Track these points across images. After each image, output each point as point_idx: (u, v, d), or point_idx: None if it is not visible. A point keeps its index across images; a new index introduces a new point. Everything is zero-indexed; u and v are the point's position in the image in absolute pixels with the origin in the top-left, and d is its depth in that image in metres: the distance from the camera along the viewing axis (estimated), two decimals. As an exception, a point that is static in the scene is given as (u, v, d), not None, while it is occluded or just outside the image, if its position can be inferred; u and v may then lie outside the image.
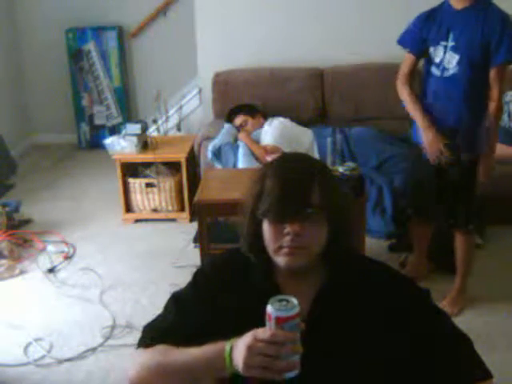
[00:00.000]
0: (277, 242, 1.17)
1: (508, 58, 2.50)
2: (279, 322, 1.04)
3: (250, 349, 1.02)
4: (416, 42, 2.69)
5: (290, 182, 1.18)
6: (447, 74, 2.58)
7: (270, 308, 1.05)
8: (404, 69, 2.74)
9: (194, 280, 1.31)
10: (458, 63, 2.53)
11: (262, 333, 1.03)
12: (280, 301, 1.05)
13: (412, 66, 2.73)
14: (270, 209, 1.17)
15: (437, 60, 2.60)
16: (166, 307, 1.31)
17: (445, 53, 2.56)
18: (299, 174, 1.19)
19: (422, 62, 2.74)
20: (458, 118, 2.64)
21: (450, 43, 2.55)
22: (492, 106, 2.58)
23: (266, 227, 1.19)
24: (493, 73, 2.54)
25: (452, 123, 2.65)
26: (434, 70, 2.62)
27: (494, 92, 2.56)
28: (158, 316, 1.31)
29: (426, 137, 2.66)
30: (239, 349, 1.04)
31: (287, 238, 1.16)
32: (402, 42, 2.75)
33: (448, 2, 2.58)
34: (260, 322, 1.05)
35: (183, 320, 1.23)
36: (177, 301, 1.29)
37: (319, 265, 1.22)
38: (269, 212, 1.17)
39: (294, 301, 1.05)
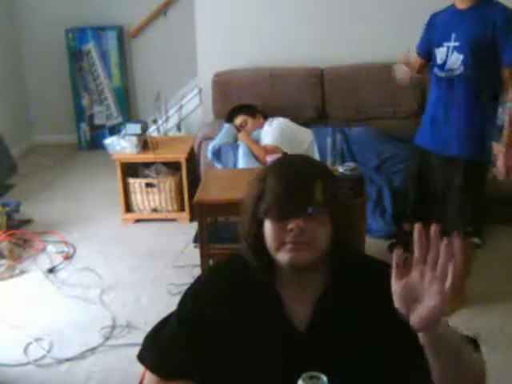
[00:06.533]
0: (279, 240, 1.16)
1: None
2: None
3: None
4: (422, 43, 2.70)
5: (293, 180, 1.17)
6: (452, 75, 2.52)
7: None
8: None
9: (192, 291, 1.30)
10: (463, 63, 2.48)
11: None
12: (311, 378, 1.06)
13: (419, 67, 2.71)
14: (272, 207, 1.16)
15: (440, 61, 2.56)
16: (169, 319, 1.30)
17: (448, 53, 2.52)
18: (302, 173, 1.19)
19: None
20: (464, 123, 2.56)
21: (454, 43, 2.51)
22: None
23: (268, 226, 1.18)
24: (506, 72, 2.45)
25: (454, 131, 2.59)
26: (439, 72, 2.58)
27: (510, 91, 2.46)
28: (161, 324, 1.32)
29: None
30: None
31: (291, 234, 1.14)
32: (417, 48, 2.73)
33: (454, 3, 2.56)
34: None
35: (182, 340, 1.24)
36: (179, 318, 1.28)
37: (321, 266, 1.21)
38: (271, 210, 1.16)
39: (324, 378, 1.06)
